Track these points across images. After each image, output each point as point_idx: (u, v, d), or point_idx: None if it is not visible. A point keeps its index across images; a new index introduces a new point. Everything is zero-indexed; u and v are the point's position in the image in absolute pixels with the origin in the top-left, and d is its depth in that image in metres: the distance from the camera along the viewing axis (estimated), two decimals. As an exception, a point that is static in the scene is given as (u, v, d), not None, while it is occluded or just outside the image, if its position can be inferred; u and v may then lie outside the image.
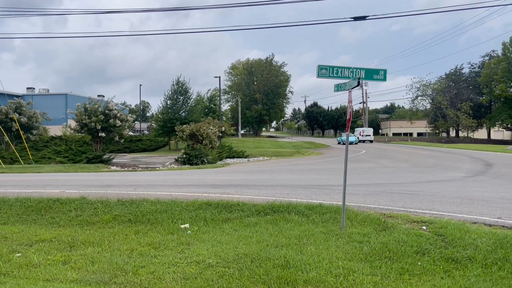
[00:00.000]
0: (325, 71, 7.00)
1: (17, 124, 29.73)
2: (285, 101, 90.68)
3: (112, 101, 32.94)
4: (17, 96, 48.51)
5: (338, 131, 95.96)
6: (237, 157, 35.38)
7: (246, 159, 34.61)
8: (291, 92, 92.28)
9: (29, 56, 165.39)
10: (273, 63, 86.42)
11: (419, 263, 5.47)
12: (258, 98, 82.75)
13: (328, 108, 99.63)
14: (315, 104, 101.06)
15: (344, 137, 38.43)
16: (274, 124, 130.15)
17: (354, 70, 7.11)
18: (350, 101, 6.99)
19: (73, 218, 8.47)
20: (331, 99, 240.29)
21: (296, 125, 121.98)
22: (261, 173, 18.95)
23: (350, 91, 7.03)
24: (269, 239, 6.60)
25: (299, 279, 4.98)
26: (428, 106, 76.44)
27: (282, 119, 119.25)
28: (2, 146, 31.07)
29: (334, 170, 19.72)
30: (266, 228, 7.28)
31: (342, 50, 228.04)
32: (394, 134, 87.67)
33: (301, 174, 17.98)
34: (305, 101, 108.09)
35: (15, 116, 30.43)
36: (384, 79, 7.31)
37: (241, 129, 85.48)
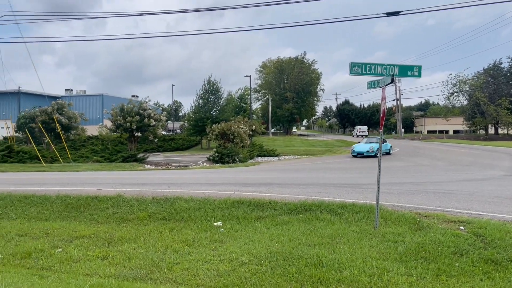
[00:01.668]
0: (357, 68, 6.91)
1: (58, 124, 30.91)
2: (316, 99, 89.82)
3: (146, 101, 33.71)
4: (56, 98, 50.45)
5: (370, 128, 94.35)
6: (268, 156, 35.37)
7: (277, 158, 34.54)
8: (322, 90, 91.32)
9: (70, 58, 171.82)
10: (304, 61, 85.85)
11: (456, 264, 5.32)
12: (288, 96, 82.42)
13: (360, 105, 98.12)
14: (346, 102, 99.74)
15: (356, 148, 30.09)
16: (305, 122, 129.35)
17: (388, 66, 6.98)
18: (383, 98, 6.87)
19: (110, 215, 8.74)
20: (365, 96, 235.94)
21: (327, 123, 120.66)
22: (292, 172, 18.90)
23: (383, 88, 6.91)
24: (302, 237, 6.59)
25: (332, 278, 4.95)
26: (465, 102, 73.78)
27: (313, 117, 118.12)
28: (43, 145, 32.35)
29: (366, 169, 19.42)
30: (298, 226, 7.28)
31: (377, 46, 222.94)
32: (428, 131, 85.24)
33: (332, 173, 17.81)
34: (336, 98, 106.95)
35: (57, 117, 31.65)
36: (419, 75, 7.13)
37: (272, 128, 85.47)
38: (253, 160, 30.88)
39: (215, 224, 7.75)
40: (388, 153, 30.22)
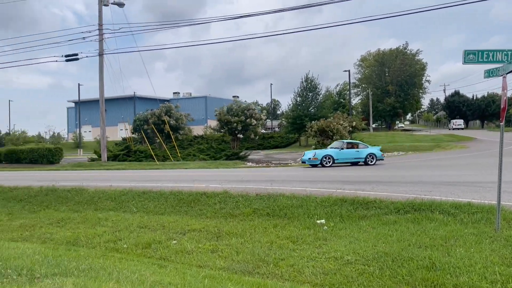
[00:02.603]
0: (472, 56, 6.33)
1: (167, 125, 33.53)
2: (421, 91, 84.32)
3: (246, 101, 34.96)
4: (166, 101, 54.71)
5: (485, 121, 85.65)
6: (369, 152, 34.19)
7: (380, 154, 33.21)
8: (428, 81, 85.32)
9: (178, 63, 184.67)
10: (407, 51, 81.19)
11: None
12: (390, 90, 78.63)
13: (473, 96, 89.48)
14: (456, 93, 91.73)
15: (305, 154, 21.71)
16: (408, 116, 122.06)
17: (510, 52, 6.27)
18: (504, 88, 6.19)
19: (217, 210, 9.23)
20: (478, 86, 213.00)
21: (434, 117, 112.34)
22: (397, 169, 18.02)
23: (504, 77, 6.24)
24: (411, 238, 6.26)
25: (448, 283, 4.62)
26: None
27: (418, 111, 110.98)
28: (155, 145, 35.30)
29: (482, 165, 17.69)
30: (406, 227, 6.92)
31: (493, 30, 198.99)
32: (560, 123, 74.57)
33: (443, 170, 16.57)
34: (444, 90, 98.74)
35: (166, 118, 34.38)
36: (550, 59, 6.28)
37: (373, 123, 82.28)
38: (354, 157, 30.07)
39: (318, 221, 7.74)
40: (366, 163, 20.78)
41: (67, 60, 27.55)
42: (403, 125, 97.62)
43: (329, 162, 20.50)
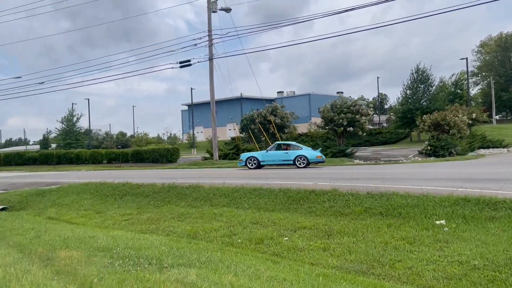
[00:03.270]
0: None
1: (274, 124, 34.29)
2: (556, 76, 73.70)
3: (350, 96, 34.13)
4: (271, 100, 55.96)
5: None
6: (492, 147, 31.10)
7: (506, 149, 29.98)
8: None
9: (281, 62, 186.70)
10: (537, 31, 71.55)
11: None
12: (517, 76, 70.12)
13: None
14: None
15: (247, 154, 21.46)
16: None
17: None
18: None
19: (327, 208, 9.14)
20: None
21: None
22: (529, 165, 15.98)
23: None
24: (553, 244, 5.51)
25: None
26: None
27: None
28: (262, 144, 36.30)
29: None
30: (546, 230, 6.10)
31: None
32: None
33: None
34: None
35: (272, 118, 35.20)
36: None
37: (496, 115, 74.00)
38: (474, 153, 27.52)
39: (437, 222, 7.22)
40: (296, 166, 19.54)
41: (181, 67, 29.69)
42: None
43: (254, 164, 20.38)
